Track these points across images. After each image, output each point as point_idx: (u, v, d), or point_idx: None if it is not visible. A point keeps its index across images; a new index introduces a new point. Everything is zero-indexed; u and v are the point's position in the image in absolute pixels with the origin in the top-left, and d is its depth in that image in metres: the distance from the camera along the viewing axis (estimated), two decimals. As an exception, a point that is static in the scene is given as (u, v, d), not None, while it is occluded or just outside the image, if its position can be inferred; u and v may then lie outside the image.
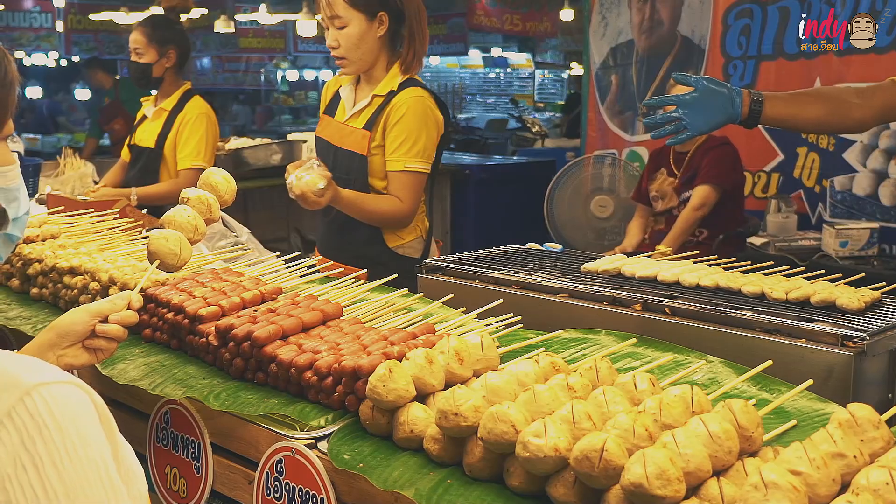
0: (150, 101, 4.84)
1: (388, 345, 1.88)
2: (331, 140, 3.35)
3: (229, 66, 17.09)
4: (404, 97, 3.20)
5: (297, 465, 1.71)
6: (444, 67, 19.63)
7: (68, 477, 0.93)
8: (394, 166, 3.19)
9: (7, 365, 0.97)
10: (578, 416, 1.49)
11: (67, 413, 0.96)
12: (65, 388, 0.99)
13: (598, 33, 7.40)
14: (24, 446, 0.92)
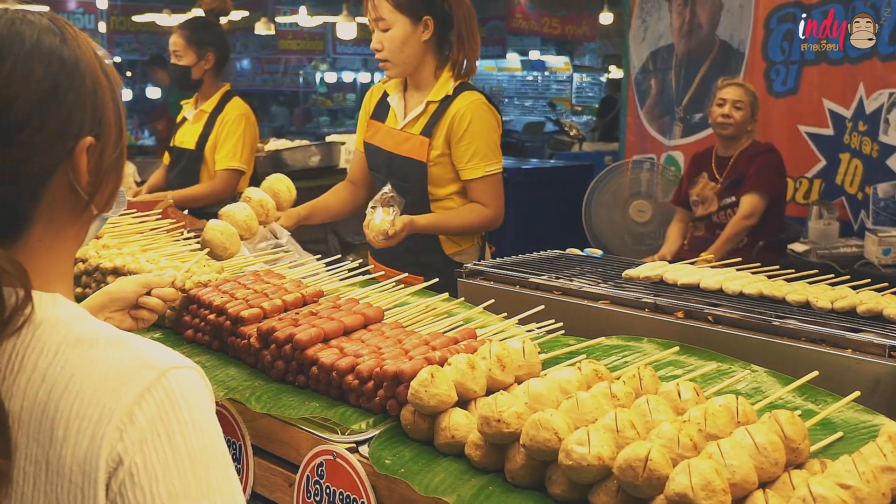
0: (189, 103, 4.87)
1: (430, 349, 1.88)
2: (383, 146, 3.34)
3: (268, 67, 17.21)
4: (464, 104, 3.17)
5: (338, 469, 1.71)
6: (481, 70, 19.60)
7: (193, 448, 1.06)
8: (472, 174, 3.19)
9: (145, 347, 1.10)
10: (622, 424, 1.48)
11: (194, 395, 1.08)
12: (192, 373, 1.10)
13: (637, 37, 7.36)
14: (160, 417, 1.04)
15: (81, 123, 1.12)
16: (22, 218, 1.10)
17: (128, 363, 1.06)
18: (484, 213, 3.22)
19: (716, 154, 4.87)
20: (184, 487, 1.04)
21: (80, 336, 1.08)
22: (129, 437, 1.02)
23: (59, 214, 1.13)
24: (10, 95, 1.06)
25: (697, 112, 6.81)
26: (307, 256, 3.07)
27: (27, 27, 1.10)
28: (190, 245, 2.93)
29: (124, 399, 1.03)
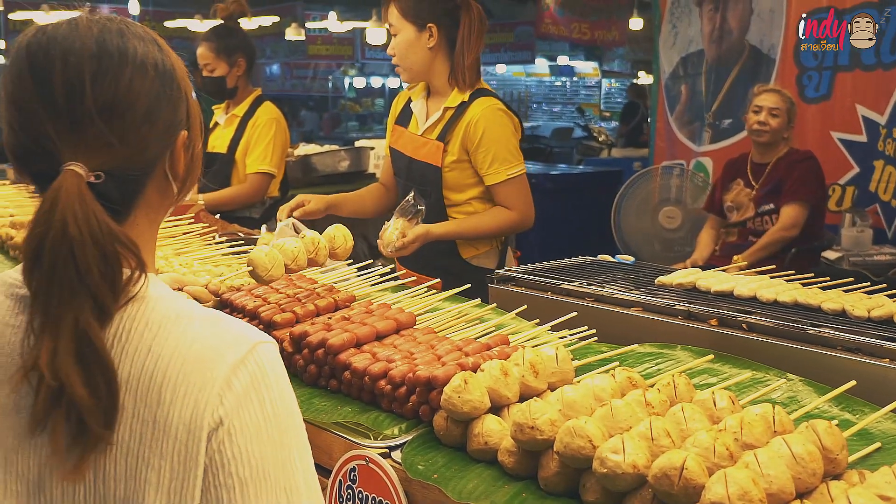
0: (221, 108, 4.88)
1: (463, 355, 1.88)
2: (405, 151, 3.40)
3: (298, 72, 17.27)
4: (478, 111, 3.21)
5: (370, 474, 1.71)
6: (509, 76, 19.62)
7: (280, 411, 1.19)
8: (495, 179, 3.21)
9: (235, 324, 1.23)
10: (657, 432, 1.47)
11: (278, 365, 1.22)
12: (274, 347, 1.23)
13: (668, 42, 7.33)
14: (252, 385, 1.17)
15: (180, 118, 1.27)
16: (132, 202, 1.24)
17: (223, 337, 1.19)
18: (508, 216, 3.25)
19: (751, 160, 4.83)
20: (273, 445, 1.17)
21: (179, 313, 1.20)
22: (228, 402, 1.15)
23: (155, 199, 1.27)
24: (133, 97, 1.19)
25: (727, 118, 6.77)
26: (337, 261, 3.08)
27: (134, 38, 1.23)
28: (222, 249, 2.95)
29: (222, 368, 1.16)
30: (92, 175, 1.16)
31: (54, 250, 1.12)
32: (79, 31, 1.19)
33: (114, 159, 1.18)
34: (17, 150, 1.21)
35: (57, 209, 1.12)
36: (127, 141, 1.18)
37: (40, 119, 1.16)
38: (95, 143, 1.16)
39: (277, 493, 1.17)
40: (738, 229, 4.86)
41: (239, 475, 1.15)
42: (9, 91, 1.19)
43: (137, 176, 1.22)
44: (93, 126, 1.16)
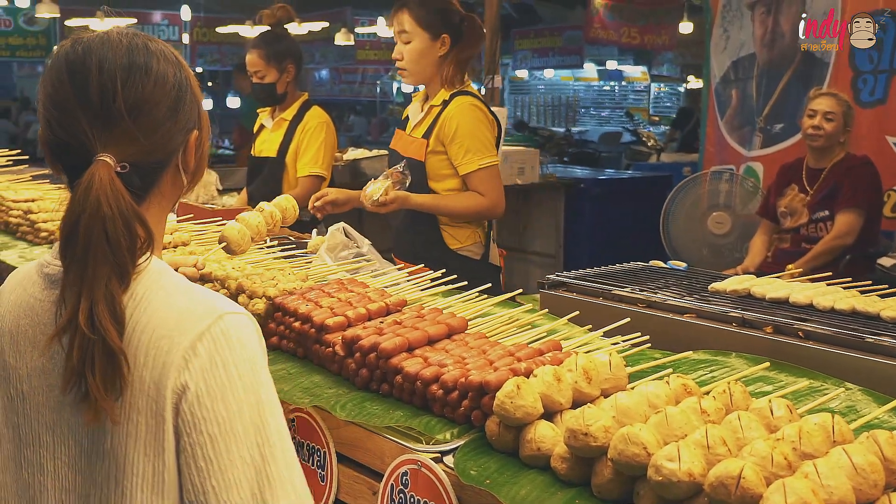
0: (266, 112, 4.91)
1: (515, 361, 1.87)
2: (398, 150, 3.67)
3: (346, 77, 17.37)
4: (454, 107, 3.46)
5: (422, 479, 1.71)
6: (558, 80, 19.55)
7: (244, 374, 1.33)
8: (468, 168, 3.44)
9: (208, 296, 1.39)
10: (713, 440, 1.45)
11: (244, 333, 1.36)
12: (244, 318, 1.38)
13: (719, 46, 7.25)
14: (217, 351, 1.32)
15: (193, 119, 1.46)
16: (149, 190, 1.43)
17: (194, 308, 1.35)
18: (480, 201, 3.45)
19: (806, 165, 4.75)
20: (238, 404, 1.32)
21: (163, 285, 1.38)
22: (194, 366, 1.31)
23: (167, 189, 1.46)
24: (156, 100, 1.39)
25: (778, 122, 6.67)
26: (387, 265, 3.09)
27: (156, 51, 1.42)
28: (273, 252, 2.98)
29: (189, 335, 1.32)
30: (119, 165, 1.35)
31: (90, 226, 1.31)
32: (111, 44, 1.38)
33: (138, 152, 1.38)
34: (54, 145, 1.40)
35: (91, 191, 1.31)
36: (150, 137, 1.38)
37: (77, 117, 1.35)
38: (123, 138, 1.36)
39: (249, 448, 1.31)
40: (791, 236, 4.79)
41: (209, 432, 1.30)
42: (49, 94, 1.38)
43: (155, 167, 1.42)
44: (122, 123, 1.35)
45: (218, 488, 1.30)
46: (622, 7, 11.56)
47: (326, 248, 3.16)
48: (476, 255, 3.55)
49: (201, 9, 13.96)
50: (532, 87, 19.93)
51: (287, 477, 1.34)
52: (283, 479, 1.34)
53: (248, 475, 1.31)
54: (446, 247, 3.53)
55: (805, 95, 5.10)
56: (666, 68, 18.16)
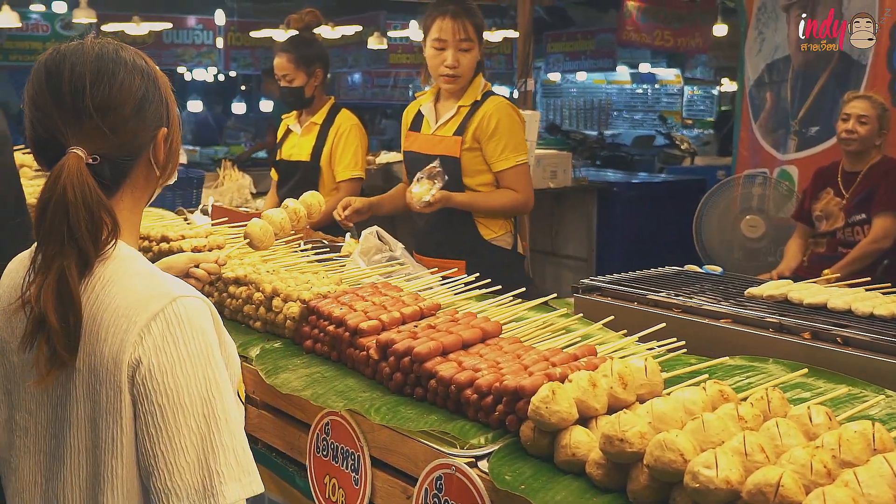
0: (291, 116, 4.93)
1: (550, 365, 1.86)
2: (422, 151, 3.77)
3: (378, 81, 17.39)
4: (492, 106, 3.64)
5: (456, 483, 1.71)
6: (590, 83, 19.45)
7: (194, 352, 1.47)
8: (505, 164, 3.62)
9: (167, 281, 1.54)
10: (751, 447, 1.44)
11: (196, 315, 1.50)
12: (197, 301, 1.52)
13: (753, 49, 7.18)
14: (169, 330, 1.47)
15: (161, 118, 1.61)
16: (121, 182, 1.58)
17: (151, 291, 1.50)
18: (515, 196, 3.64)
19: (842, 169, 4.70)
20: (186, 378, 1.46)
21: (127, 270, 1.53)
22: (147, 343, 1.46)
23: (139, 182, 1.61)
24: (122, 99, 1.54)
25: (814, 126, 6.60)
26: (421, 269, 3.10)
27: (125, 53, 1.59)
28: (308, 256, 2.99)
29: (145, 315, 1.47)
30: (90, 158, 1.51)
31: (54, 210, 1.46)
32: (83, 49, 1.55)
33: (107, 146, 1.52)
34: (35, 141, 1.56)
35: (60, 180, 1.46)
36: (117, 132, 1.53)
37: (52, 115, 1.52)
38: (93, 133, 1.51)
39: (196, 418, 1.46)
40: (827, 240, 4.74)
41: (159, 403, 1.45)
42: (31, 96, 1.55)
43: (126, 161, 1.57)
44: (91, 120, 1.51)
45: (166, 453, 1.45)
46: (656, 9, 11.48)
47: (360, 251, 3.17)
48: (507, 244, 3.73)
49: (235, 13, 14.05)
50: (564, 90, 19.85)
51: (230, 446, 1.48)
52: (227, 448, 1.48)
53: (194, 443, 1.45)
54: (481, 237, 3.67)
55: (841, 98, 5.04)
56: (699, 71, 18.02)
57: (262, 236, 2.53)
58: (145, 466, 1.47)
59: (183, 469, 1.45)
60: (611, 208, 8.25)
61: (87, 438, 1.51)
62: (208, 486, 1.46)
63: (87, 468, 1.51)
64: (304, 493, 2.14)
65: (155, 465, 1.46)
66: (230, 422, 1.50)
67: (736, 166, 7.28)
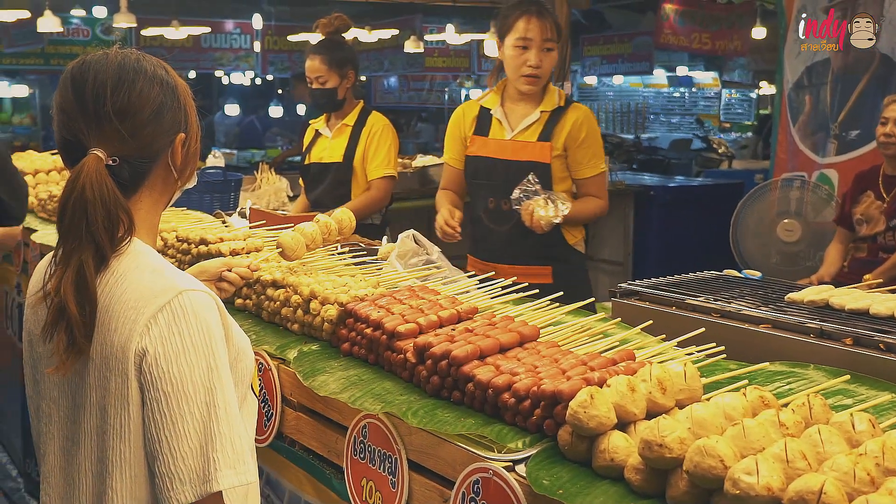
0: (320, 120, 4.95)
1: (588, 370, 1.86)
2: (497, 156, 3.73)
3: (414, 84, 17.43)
4: (580, 114, 3.69)
5: (494, 487, 1.70)
6: (626, 87, 19.38)
7: (197, 343, 1.56)
8: (591, 172, 3.70)
9: (174, 276, 1.63)
10: (792, 454, 1.42)
11: (201, 308, 1.59)
12: (202, 294, 1.62)
13: (793, 52, 7.11)
14: (174, 321, 1.56)
15: (179, 124, 1.71)
16: (140, 183, 1.68)
17: (160, 284, 1.60)
18: (600, 203, 3.76)
19: (883, 172, 4.64)
20: (190, 368, 1.55)
21: (139, 265, 1.62)
22: (153, 333, 1.55)
23: (157, 184, 1.71)
24: (142, 103, 1.64)
25: (854, 129, 6.52)
26: (457, 273, 3.09)
27: (146, 62, 1.69)
28: (345, 259, 3.00)
29: (152, 307, 1.57)
30: (109, 159, 1.61)
31: (74, 206, 1.56)
32: (107, 59, 1.66)
33: (126, 149, 1.62)
34: (62, 143, 1.67)
35: (80, 178, 1.57)
36: (136, 136, 1.63)
37: (76, 119, 1.62)
38: (113, 136, 1.61)
39: (199, 405, 1.54)
40: (868, 244, 4.68)
41: (164, 390, 1.54)
42: (58, 101, 1.66)
43: (144, 163, 1.66)
44: (111, 123, 1.61)
45: (170, 438, 1.53)
46: (693, 12, 11.41)
47: (397, 254, 3.17)
48: (583, 248, 3.85)
49: (272, 17, 14.13)
50: (601, 93, 19.78)
51: (227, 435, 1.56)
52: (224, 436, 1.56)
53: (196, 429, 1.54)
54: (566, 243, 3.73)
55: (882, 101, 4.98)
56: (737, 74, 17.87)
57: (295, 247, 2.62)
58: (151, 451, 1.56)
59: (186, 454, 1.53)
60: (647, 212, 8.21)
61: (97, 424, 1.60)
62: (207, 472, 1.54)
63: (96, 452, 1.61)
64: (341, 496, 2.15)
65: (160, 450, 1.54)
66: (229, 411, 1.58)
67: (774, 170, 7.21)
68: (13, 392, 4.59)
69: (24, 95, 15.88)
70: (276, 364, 2.41)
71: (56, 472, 1.69)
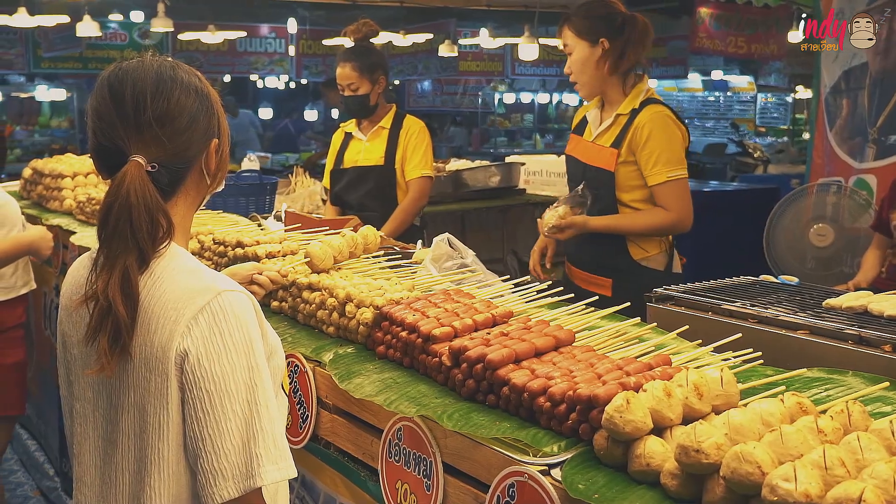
0: (350, 125, 4.98)
1: (624, 375, 1.85)
2: (580, 157, 3.68)
3: (448, 88, 17.45)
4: (646, 115, 3.45)
5: (529, 491, 1.70)
6: (661, 91, 19.26)
7: (238, 342, 1.61)
8: (656, 179, 3.43)
9: (212, 277, 1.68)
10: (831, 461, 1.41)
11: (240, 308, 1.64)
12: (240, 295, 1.67)
13: (830, 55, 7.05)
14: (214, 321, 1.61)
15: (212, 129, 1.76)
16: (176, 188, 1.73)
17: (198, 285, 1.64)
18: (664, 216, 3.44)
19: (921, 177, 4.59)
20: (231, 367, 1.59)
21: (176, 266, 1.67)
22: (194, 334, 1.60)
23: (192, 188, 1.76)
24: (178, 112, 1.69)
25: (893, 134, 6.45)
26: (492, 276, 3.10)
27: (181, 70, 1.74)
28: (379, 262, 3.01)
29: (192, 308, 1.61)
30: (149, 165, 1.65)
31: (118, 212, 1.60)
32: (144, 66, 1.70)
33: (164, 155, 1.67)
34: (97, 149, 1.71)
35: (124, 185, 1.61)
36: (174, 142, 1.68)
37: (115, 125, 1.66)
38: (152, 142, 1.66)
39: (241, 403, 1.59)
40: (905, 251, 4.62)
41: (206, 389, 1.58)
42: (94, 108, 1.70)
43: (181, 168, 1.71)
44: (150, 130, 1.66)
45: (214, 436, 1.57)
46: (729, 16, 11.34)
47: (431, 258, 3.18)
48: (660, 265, 3.56)
49: (307, 22, 14.21)
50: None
51: (269, 431, 1.61)
52: (266, 432, 1.60)
53: (238, 426, 1.58)
54: (630, 257, 3.53)
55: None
56: (773, 78, 17.73)
57: (322, 257, 2.69)
58: (193, 449, 1.60)
59: (229, 451, 1.57)
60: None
61: (136, 423, 1.64)
62: (250, 468, 1.58)
63: (135, 451, 1.65)
64: (376, 498, 2.16)
65: (203, 448, 1.58)
66: (270, 408, 1.63)
67: (810, 175, 7.15)
68: (52, 392, 4.65)
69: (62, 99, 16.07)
70: (311, 366, 2.42)
71: (92, 472, 1.72)
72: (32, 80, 15.68)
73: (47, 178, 5.05)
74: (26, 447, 5.31)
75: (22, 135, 15.28)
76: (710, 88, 19.17)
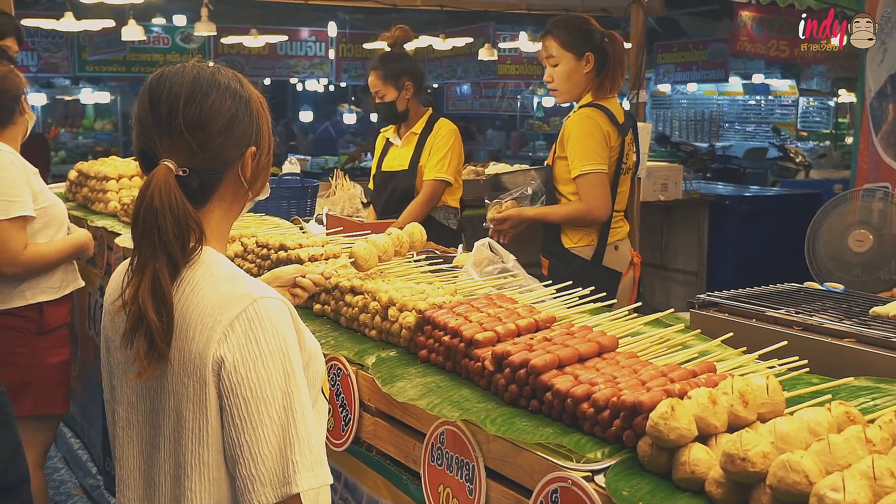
0: (390, 130, 5.00)
1: (668, 381, 1.85)
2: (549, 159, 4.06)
3: (487, 92, 17.47)
4: (574, 115, 3.82)
5: (572, 497, 1.70)
6: (701, 94, 19.15)
7: (274, 349, 1.61)
8: (574, 172, 3.76)
9: (249, 284, 1.67)
10: (880, 471, 1.40)
11: (276, 315, 1.63)
12: (276, 302, 1.65)
13: (875, 59, 6.97)
14: (251, 329, 1.60)
15: (250, 137, 1.74)
16: (209, 194, 1.71)
17: (235, 292, 1.64)
18: (577, 206, 3.80)
19: (971, 184, 4.53)
20: (268, 373, 1.59)
21: (213, 273, 1.66)
22: (231, 341, 1.60)
23: (227, 195, 1.74)
24: (213, 116, 1.67)
25: (941, 139, 6.37)
26: (533, 281, 3.10)
27: (221, 76, 1.72)
28: (421, 266, 3.02)
29: (228, 315, 1.61)
30: (179, 170, 1.65)
31: (145, 215, 1.61)
32: (182, 71, 1.70)
33: (196, 160, 1.66)
34: (138, 152, 1.72)
35: (150, 188, 1.61)
36: (205, 148, 1.66)
37: (150, 129, 1.68)
38: (183, 147, 1.65)
39: (277, 409, 1.59)
40: (954, 258, 4.56)
41: (243, 395, 1.58)
42: (136, 112, 1.71)
43: (213, 175, 1.69)
44: (181, 135, 1.65)
45: (251, 442, 1.58)
46: (771, 19, 11.25)
47: (472, 262, 3.19)
48: (587, 255, 3.86)
49: (347, 25, 14.30)
50: (674, 101, 19.58)
51: (305, 438, 1.61)
52: (302, 439, 1.60)
53: (275, 432, 1.59)
54: (562, 245, 3.88)
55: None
56: (816, 82, 17.54)
57: (367, 257, 2.69)
58: (231, 455, 1.61)
59: (266, 457, 1.58)
60: (722, 222, 8.10)
61: (174, 428, 1.65)
62: (287, 474, 1.59)
63: (174, 456, 1.66)
64: (418, 501, 2.17)
65: (241, 454, 1.59)
66: (306, 415, 1.63)
67: (854, 180, 7.07)
68: (96, 391, 4.72)
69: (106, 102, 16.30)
70: (354, 370, 2.44)
71: (136, 476, 1.74)
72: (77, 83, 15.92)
73: (92, 180, 5.11)
74: (70, 445, 5.38)
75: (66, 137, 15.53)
76: (751, 92, 19.00)
